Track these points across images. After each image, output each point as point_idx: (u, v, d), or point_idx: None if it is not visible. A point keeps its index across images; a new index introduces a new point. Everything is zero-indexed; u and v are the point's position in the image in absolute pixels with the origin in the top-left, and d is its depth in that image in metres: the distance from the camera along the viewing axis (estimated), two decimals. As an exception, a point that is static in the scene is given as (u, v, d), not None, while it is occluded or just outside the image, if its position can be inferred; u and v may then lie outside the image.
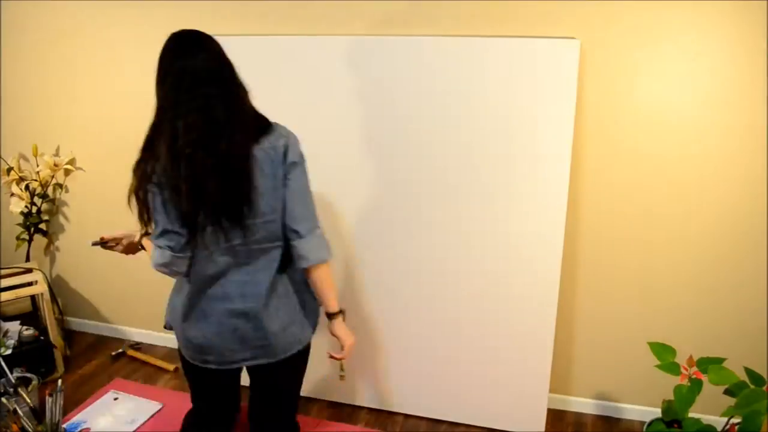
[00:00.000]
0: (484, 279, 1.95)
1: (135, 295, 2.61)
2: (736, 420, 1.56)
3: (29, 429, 1.79)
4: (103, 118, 2.41)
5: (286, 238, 1.42)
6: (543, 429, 2.02)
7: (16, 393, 1.85)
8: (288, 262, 1.45)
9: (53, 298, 2.54)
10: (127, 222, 2.62)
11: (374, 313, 2.09)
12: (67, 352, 2.53)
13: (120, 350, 2.56)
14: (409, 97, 1.89)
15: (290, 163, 1.38)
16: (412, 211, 1.97)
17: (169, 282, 1.53)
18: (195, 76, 1.27)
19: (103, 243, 1.66)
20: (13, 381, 1.90)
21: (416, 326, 2.06)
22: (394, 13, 1.93)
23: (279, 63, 1.98)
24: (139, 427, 2.03)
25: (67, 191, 2.58)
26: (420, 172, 1.93)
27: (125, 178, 1.52)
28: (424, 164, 1.92)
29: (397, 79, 1.88)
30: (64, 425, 1.95)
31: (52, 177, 2.52)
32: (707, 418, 1.71)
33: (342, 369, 1.67)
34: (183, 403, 1.74)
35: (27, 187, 2.51)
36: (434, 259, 1.98)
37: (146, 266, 1.91)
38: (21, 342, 2.29)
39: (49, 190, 2.56)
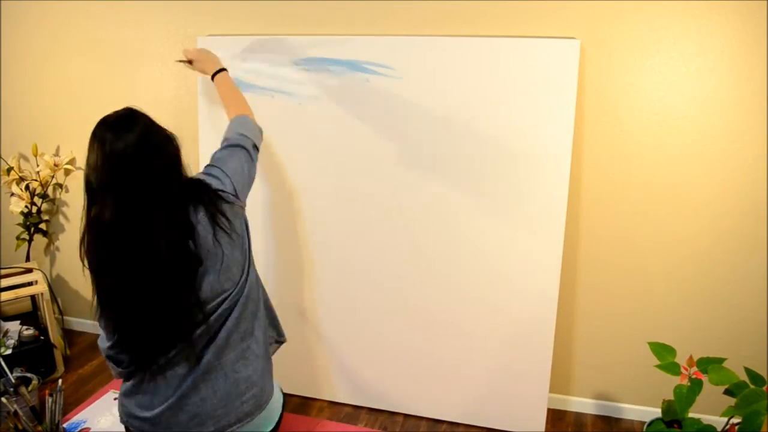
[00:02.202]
0: (484, 279, 1.95)
1: (135, 295, 2.61)
2: (736, 420, 1.56)
3: (29, 429, 1.79)
4: (103, 118, 2.41)
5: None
6: (543, 429, 2.02)
7: (16, 393, 1.85)
8: None
9: (53, 298, 2.54)
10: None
11: (374, 313, 2.09)
12: (67, 352, 2.53)
13: (120, 350, 2.56)
14: (407, 97, 1.89)
15: None
16: (411, 209, 1.97)
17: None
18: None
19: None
20: (13, 381, 1.90)
21: (416, 326, 2.06)
22: (392, 12, 1.93)
23: (279, 62, 1.99)
24: (139, 427, 2.03)
25: (67, 191, 2.58)
26: (419, 171, 1.93)
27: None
28: (424, 163, 1.92)
29: (395, 79, 1.88)
30: (64, 425, 1.95)
31: (52, 177, 2.52)
32: (707, 418, 1.71)
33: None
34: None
35: (27, 187, 2.51)
36: (434, 258, 1.98)
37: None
38: (21, 342, 2.29)
39: (49, 190, 2.56)
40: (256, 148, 1.59)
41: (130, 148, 1.25)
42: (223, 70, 1.77)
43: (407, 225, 1.98)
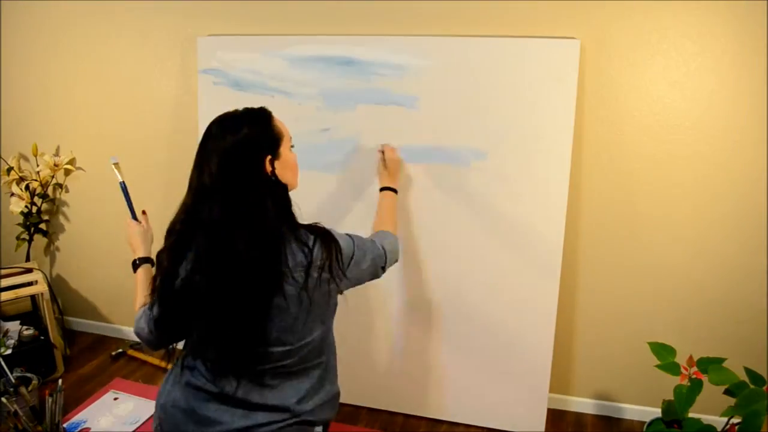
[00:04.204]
0: (484, 279, 1.95)
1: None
2: (736, 420, 1.56)
3: (29, 429, 1.79)
4: (103, 118, 2.41)
5: None
6: (543, 429, 2.02)
7: (16, 393, 1.85)
8: None
9: (53, 298, 2.54)
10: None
11: (373, 312, 2.09)
12: (67, 352, 2.53)
13: (120, 350, 2.56)
14: (407, 96, 1.89)
15: None
16: (412, 209, 1.97)
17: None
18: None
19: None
20: (13, 381, 1.90)
21: (416, 326, 2.06)
22: (393, 13, 1.93)
23: (279, 62, 1.99)
24: (139, 427, 2.03)
25: (67, 191, 2.58)
26: (419, 170, 1.93)
27: (125, 178, 1.52)
28: (422, 162, 1.92)
29: (395, 78, 1.88)
30: (64, 425, 1.95)
31: (52, 177, 2.51)
32: (707, 418, 1.71)
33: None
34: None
35: (27, 187, 2.51)
36: (434, 258, 1.98)
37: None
38: (21, 342, 2.29)
39: (49, 190, 2.56)
40: (383, 269, 1.47)
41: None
42: (395, 191, 1.78)
43: (405, 223, 1.98)
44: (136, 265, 1.49)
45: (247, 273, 1.17)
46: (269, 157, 1.22)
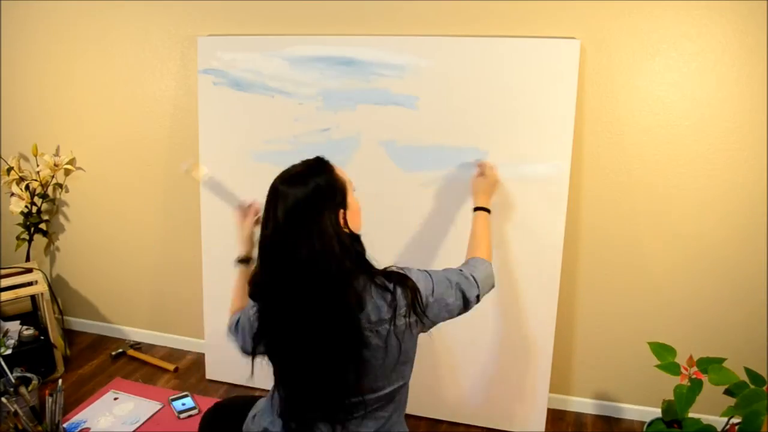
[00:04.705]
0: (484, 279, 1.95)
1: (135, 294, 2.61)
2: (736, 420, 1.56)
3: (29, 429, 1.79)
4: (103, 117, 2.41)
5: None
6: (543, 429, 2.02)
7: (16, 393, 1.85)
8: None
9: (53, 298, 2.54)
10: (126, 220, 2.61)
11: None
12: (67, 352, 2.53)
13: (120, 350, 2.56)
14: (408, 97, 1.89)
15: None
16: (411, 208, 1.97)
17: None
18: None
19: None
20: (13, 381, 1.90)
21: (416, 326, 2.06)
22: (393, 13, 1.93)
23: (279, 62, 1.99)
24: (139, 427, 2.03)
25: (67, 191, 2.58)
26: (419, 170, 1.93)
27: (125, 178, 1.51)
28: (423, 162, 1.92)
29: (396, 79, 1.88)
30: (64, 425, 1.95)
31: (52, 177, 2.51)
32: (707, 418, 1.71)
33: None
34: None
35: (27, 187, 2.51)
36: (433, 258, 1.98)
37: (146, 266, 1.89)
38: (21, 342, 2.29)
39: (49, 190, 2.56)
40: (477, 298, 1.39)
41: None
42: (488, 210, 1.64)
43: (405, 223, 1.98)
44: (237, 262, 1.49)
45: (330, 332, 1.15)
46: (342, 211, 1.18)
